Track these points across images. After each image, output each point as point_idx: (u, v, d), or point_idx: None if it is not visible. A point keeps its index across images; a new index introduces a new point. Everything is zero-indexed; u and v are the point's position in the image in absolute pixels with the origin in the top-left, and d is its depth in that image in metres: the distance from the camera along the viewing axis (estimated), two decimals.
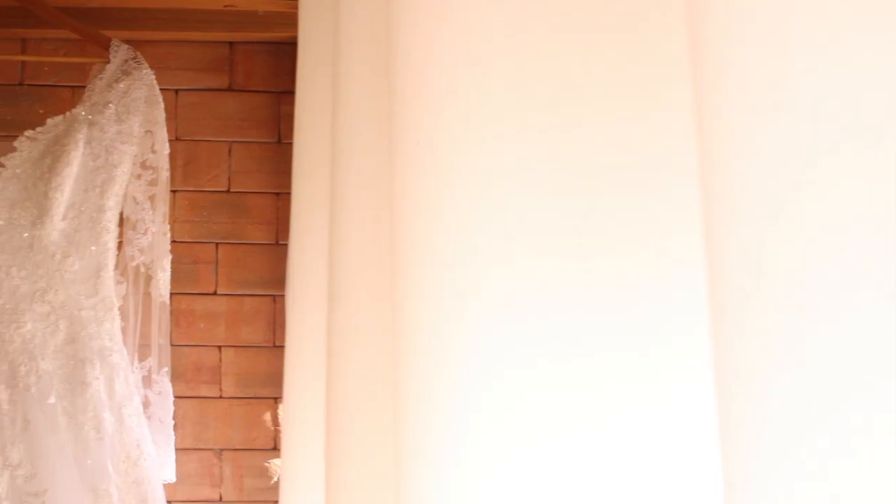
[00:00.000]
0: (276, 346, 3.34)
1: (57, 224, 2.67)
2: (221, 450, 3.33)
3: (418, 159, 1.04)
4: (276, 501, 3.29)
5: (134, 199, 2.84)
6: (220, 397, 3.34)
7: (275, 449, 3.33)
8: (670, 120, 0.92)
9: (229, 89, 3.42)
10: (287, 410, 1.79)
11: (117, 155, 2.74)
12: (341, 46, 1.44)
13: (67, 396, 2.62)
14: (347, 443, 1.34)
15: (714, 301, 0.61)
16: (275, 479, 3.33)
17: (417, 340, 1.04)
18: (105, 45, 2.85)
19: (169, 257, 2.87)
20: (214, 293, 3.36)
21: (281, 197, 3.38)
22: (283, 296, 3.25)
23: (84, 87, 2.98)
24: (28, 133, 2.74)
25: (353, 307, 1.34)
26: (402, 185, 1.08)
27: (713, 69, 0.60)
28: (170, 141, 2.87)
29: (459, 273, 0.99)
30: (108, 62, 2.83)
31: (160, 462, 2.84)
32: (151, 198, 2.85)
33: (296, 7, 3.13)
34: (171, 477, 2.94)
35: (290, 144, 3.36)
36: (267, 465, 3.34)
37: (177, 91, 3.38)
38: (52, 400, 2.57)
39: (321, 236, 1.71)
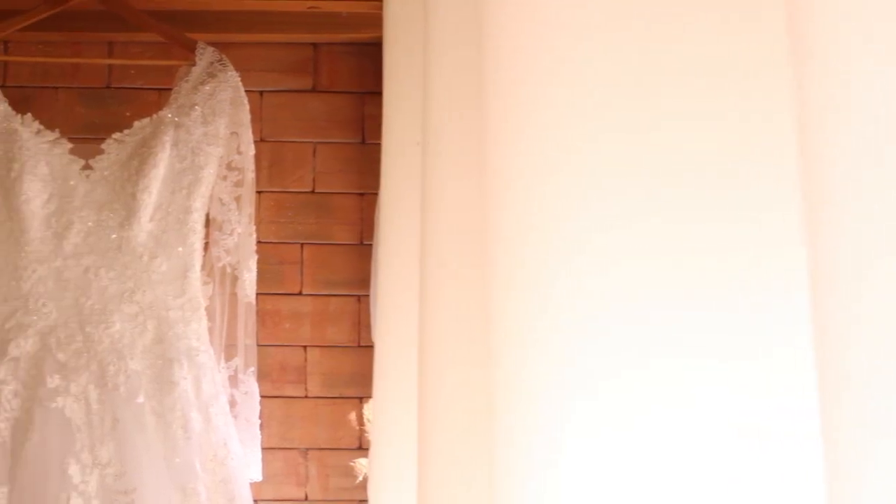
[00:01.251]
0: (360, 346, 3.35)
1: (144, 225, 2.69)
2: (307, 449, 3.34)
3: (512, 159, 1.03)
4: (361, 501, 3.30)
5: (220, 200, 2.86)
6: (306, 397, 3.35)
7: (360, 448, 3.34)
8: (770, 119, 0.91)
9: (313, 90, 3.43)
10: (376, 410, 1.79)
11: (203, 156, 2.76)
12: (430, 46, 1.44)
13: (155, 396, 2.64)
14: (440, 443, 1.33)
15: (817, 305, 0.60)
16: (360, 478, 3.34)
17: (512, 342, 1.03)
18: (191, 48, 2.87)
19: (255, 258, 2.89)
20: (300, 293, 3.38)
21: (365, 197, 3.39)
22: (367, 296, 3.26)
23: (170, 89, 3.00)
24: (115, 135, 2.77)
25: (445, 307, 1.34)
26: (495, 186, 1.07)
27: (818, 69, 0.59)
28: (255, 142, 2.88)
29: (557, 275, 0.98)
30: (193, 65, 2.85)
31: (246, 461, 2.86)
32: (237, 199, 2.87)
33: (379, 8, 3.13)
34: (258, 476, 2.95)
35: (375, 145, 3.37)
36: (352, 464, 3.35)
37: (261, 93, 3.40)
38: (140, 399, 2.59)
39: (411, 237, 1.71)
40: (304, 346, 3.35)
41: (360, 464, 3.34)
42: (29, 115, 2.73)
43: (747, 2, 0.94)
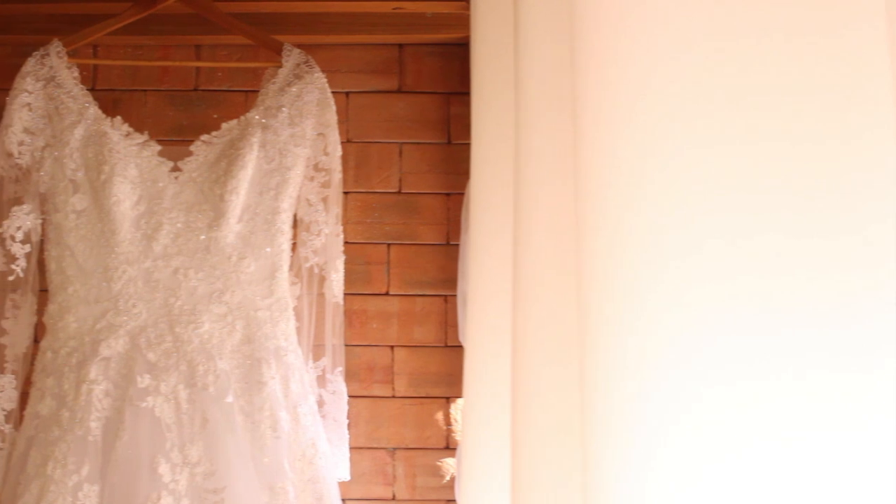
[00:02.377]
0: (447, 346, 3.35)
1: (233, 226, 2.71)
2: (394, 449, 3.35)
3: (607, 163, 1.02)
4: (449, 501, 3.30)
5: (307, 200, 2.87)
6: (393, 397, 3.36)
7: (447, 448, 3.34)
8: (873, 132, 0.89)
9: (399, 91, 3.43)
10: (466, 410, 1.79)
11: (291, 157, 2.77)
12: (520, 46, 1.43)
13: (244, 395, 2.65)
14: (533, 444, 1.33)
15: None
16: (447, 478, 3.34)
17: (606, 345, 1.02)
18: (277, 50, 2.88)
19: (342, 258, 2.90)
20: (387, 293, 3.38)
21: (451, 197, 3.38)
22: (454, 296, 3.26)
23: (257, 91, 3.02)
24: (204, 137, 2.78)
25: (538, 309, 1.33)
26: (589, 188, 1.06)
27: None
28: (341, 143, 2.89)
29: (654, 283, 0.97)
30: (280, 66, 2.86)
31: (334, 461, 2.87)
32: (324, 199, 2.88)
33: (464, 8, 3.14)
34: (346, 475, 2.96)
35: (461, 145, 3.38)
36: (439, 464, 3.35)
37: (347, 94, 3.41)
38: (229, 399, 2.61)
39: (501, 237, 1.71)
40: (391, 346, 3.36)
41: (448, 463, 3.34)
42: (118, 117, 2.76)
43: (850, 14, 0.92)
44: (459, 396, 3.34)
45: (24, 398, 2.73)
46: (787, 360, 0.91)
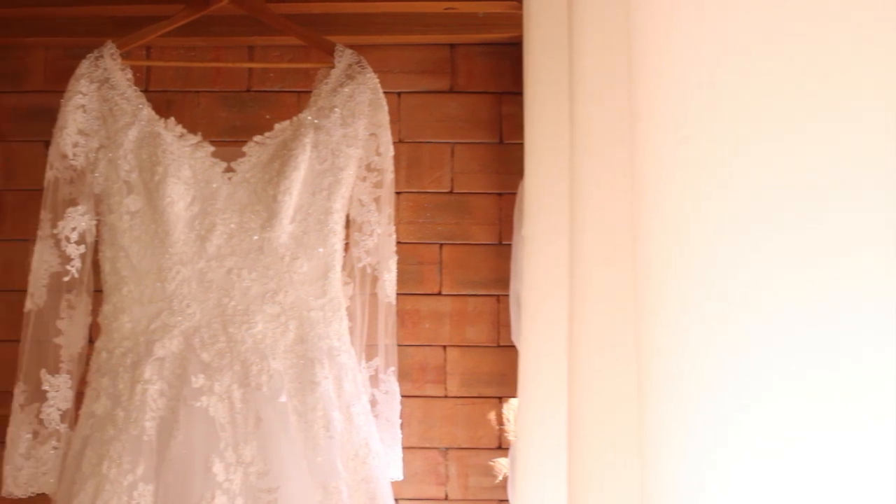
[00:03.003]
0: (500, 346, 3.35)
1: (286, 227, 2.71)
2: (447, 448, 3.35)
3: (664, 162, 1.02)
4: (501, 500, 3.30)
5: (360, 201, 2.87)
6: (446, 397, 3.36)
7: (500, 448, 3.34)
8: None
9: (451, 91, 3.44)
10: (521, 411, 1.78)
11: (343, 158, 2.78)
12: (575, 45, 1.43)
13: (297, 395, 2.66)
14: (590, 446, 1.32)
15: None
16: (499, 478, 3.33)
17: (665, 346, 1.01)
18: (329, 51, 2.89)
19: (394, 258, 2.90)
20: (439, 293, 3.38)
21: (503, 197, 3.38)
22: (506, 296, 3.25)
23: (308, 91, 3.03)
24: (257, 138, 2.79)
25: (595, 310, 1.33)
26: (646, 188, 1.05)
27: None
28: (393, 143, 2.89)
29: (713, 285, 0.96)
30: (332, 67, 2.86)
31: (387, 460, 2.87)
32: (376, 200, 2.88)
33: (515, 8, 3.13)
34: (399, 475, 2.96)
35: (513, 145, 3.37)
36: (491, 463, 3.35)
37: (399, 94, 3.41)
38: (282, 399, 2.61)
39: (556, 236, 1.70)
40: (444, 346, 3.36)
41: (500, 463, 3.34)
42: (172, 119, 2.77)
43: None
44: (512, 396, 3.34)
45: (79, 398, 2.75)
46: (860, 362, 0.90)
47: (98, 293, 2.78)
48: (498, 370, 3.35)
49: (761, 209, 0.94)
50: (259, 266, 2.71)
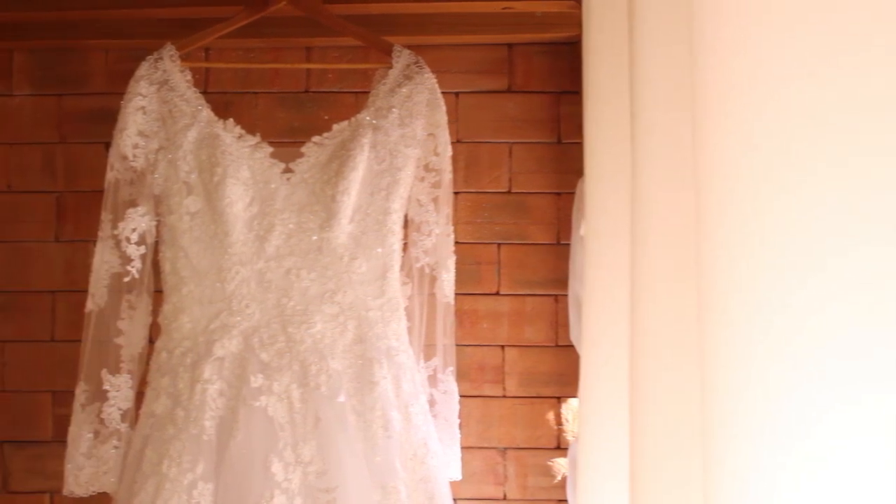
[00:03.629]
0: (558, 346, 3.34)
1: (344, 227, 2.72)
2: (505, 448, 3.35)
3: (730, 166, 1.01)
4: (560, 501, 3.29)
5: (418, 201, 2.87)
6: (504, 396, 3.36)
7: (558, 448, 3.33)
8: None
9: (508, 91, 3.43)
10: (583, 412, 1.77)
11: (401, 158, 2.77)
12: (636, 44, 1.42)
13: (356, 395, 2.66)
14: (652, 446, 1.32)
15: None
16: (558, 478, 3.33)
17: (730, 350, 1.00)
18: (387, 51, 2.89)
19: (453, 258, 2.89)
20: (497, 293, 3.38)
21: (562, 197, 3.38)
22: (565, 295, 3.25)
23: (366, 92, 3.03)
24: (315, 139, 2.79)
25: (657, 310, 1.32)
26: (710, 192, 1.04)
27: None
28: (451, 143, 2.89)
29: (781, 298, 0.95)
30: (390, 67, 2.86)
31: (446, 460, 2.87)
32: (435, 200, 2.88)
33: (573, 7, 3.13)
34: (457, 475, 2.96)
35: (571, 144, 3.36)
36: (550, 464, 3.34)
37: (457, 94, 3.41)
38: (341, 398, 2.62)
39: (618, 238, 1.69)
40: (502, 346, 3.36)
41: (559, 463, 3.33)
42: (231, 120, 2.78)
43: None
44: (570, 396, 3.33)
45: (139, 398, 2.77)
46: None
47: (158, 293, 2.80)
48: (556, 370, 3.34)
49: (832, 221, 0.93)
50: (318, 266, 2.72)
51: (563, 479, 3.31)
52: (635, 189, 1.40)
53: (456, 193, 3.31)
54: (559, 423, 3.34)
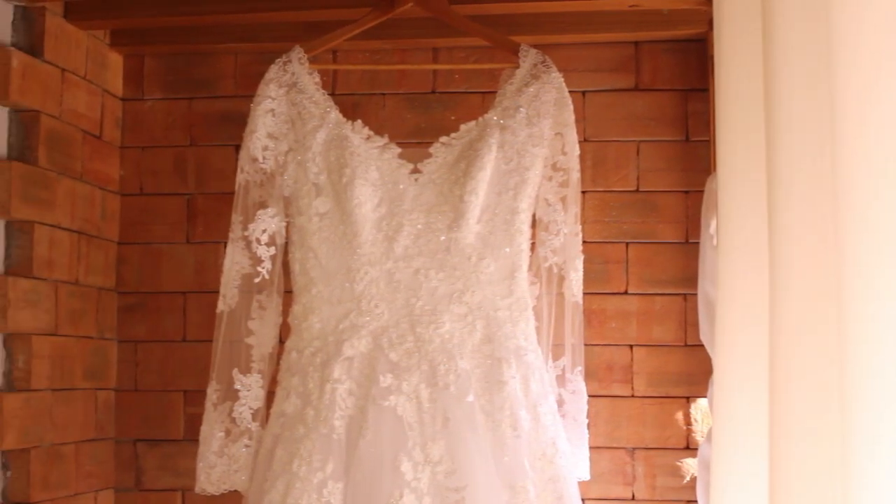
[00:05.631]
0: (687, 346, 3.32)
1: (472, 227, 2.72)
2: (634, 448, 3.33)
3: (871, 158, 0.99)
4: (689, 501, 3.27)
5: (545, 200, 2.86)
6: (632, 396, 3.34)
7: (687, 448, 3.31)
8: None
9: (636, 89, 3.42)
10: (718, 413, 1.75)
11: (529, 158, 2.77)
12: (772, 40, 1.40)
13: (485, 395, 2.66)
14: (793, 449, 1.30)
15: None
16: (687, 478, 3.30)
17: (873, 348, 0.99)
18: (514, 51, 2.88)
19: (581, 258, 2.87)
20: (625, 292, 3.37)
21: (690, 195, 3.35)
22: (694, 294, 3.22)
23: (493, 92, 3.03)
24: (443, 139, 2.80)
25: (797, 309, 1.30)
26: (851, 187, 1.03)
27: None
28: (578, 142, 2.87)
29: None
30: (517, 67, 2.85)
31: (574, 460, 2.85)
32: (562, 199, 2.86)
33: (701, 3, 3.10)
34: (586, 475, 2.94)
35: (699, 142, 3.34)
36: (679, 464, 3.32)
37: (584, 93, 3.40)
38: (470, 398, 2.62)
39: (754, 236, 1.67)
40: (631, 346, 3.34)
41: (688, 464, 3.30)
42: (359, 121, 2.79)
43: None
44: (700, 396, 3.30)
45: (269, 397, 2.80)
46: None
47: (288, 294, 2.82)
48: (686, 370, 3.32)
49: None
50: (446, 266, 2.72)
51: (693, 480, 3.28)
52: (772, 187, 1.38)
53: (583, 192, 3.30)
54: (688, 423, 3.32)
